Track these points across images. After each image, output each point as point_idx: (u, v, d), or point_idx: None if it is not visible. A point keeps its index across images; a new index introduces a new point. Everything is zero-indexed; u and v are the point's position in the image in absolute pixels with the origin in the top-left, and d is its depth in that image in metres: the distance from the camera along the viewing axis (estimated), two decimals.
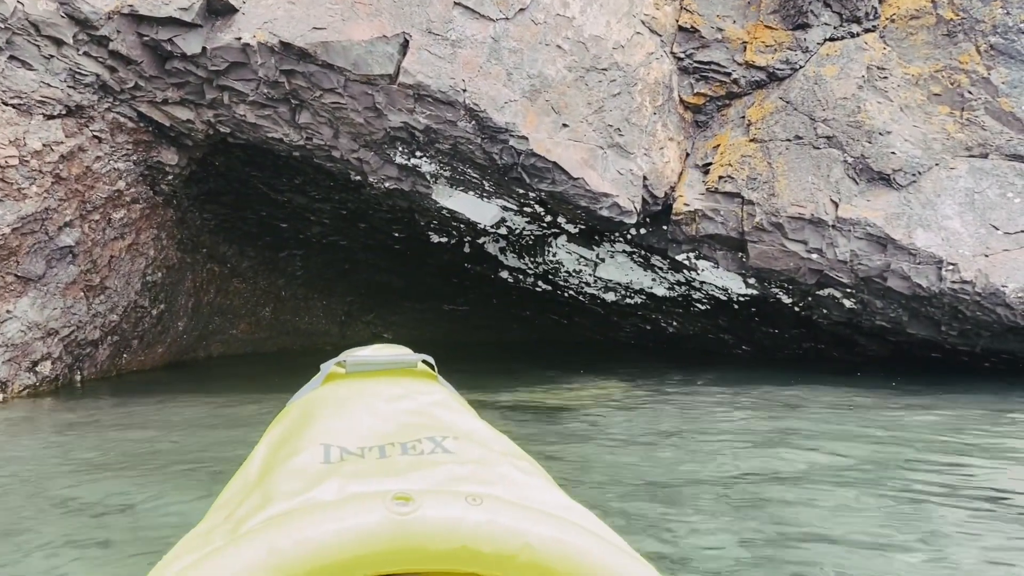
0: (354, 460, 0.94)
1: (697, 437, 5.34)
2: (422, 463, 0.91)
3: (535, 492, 0.88)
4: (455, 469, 0.90)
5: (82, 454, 5.09)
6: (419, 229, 9.95)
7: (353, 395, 1.31)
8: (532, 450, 1.53)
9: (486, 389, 8.27)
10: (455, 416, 1.23)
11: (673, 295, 9.55)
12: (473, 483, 0.87)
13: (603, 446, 5.08)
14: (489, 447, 1.05)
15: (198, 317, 11.33)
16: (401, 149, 7.58)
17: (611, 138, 7.53)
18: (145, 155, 8.03)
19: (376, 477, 0.87)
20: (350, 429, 1.08)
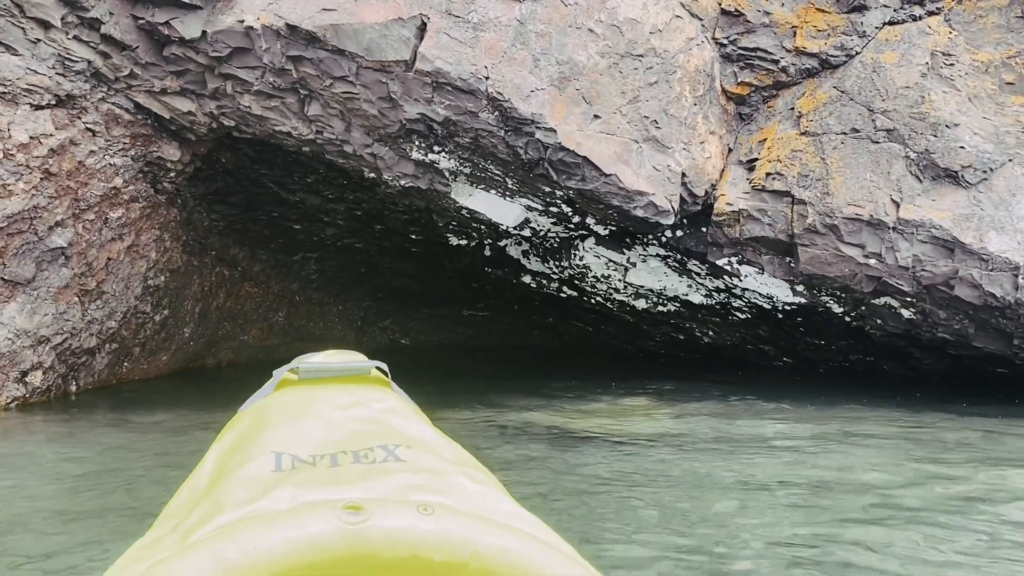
0: (305, 468, 0.92)
1: (752, 475, 4.67)
2: (374, 472, 0.91)
3: (487, 501, 0.88)
4: (407, 478, 0.90)
5: (38, 484, 4.50)
6: (437, 231, 9.34)
7: (305, 402, 1.27)
8: (548, 490, 1.55)
9: (501, 405, 7.63)
10: (408, 424, 1.20)
11: (710, 303, 8.87)
12: (424, 492, 0.86)
13: (642, 491, 4.42)
14: (442, 456, 1.03)
15: (206, 323, 10.78)
16: (418, 143, 6.97)
17: (647, 131, 6.88)
18: (144, 150, 7.48)
19: (327, 486, 0.86)
20: (302, 437, 1.06)
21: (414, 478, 0.91)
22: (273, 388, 1.50)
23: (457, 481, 0.94)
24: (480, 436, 5.81)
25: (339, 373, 1.52)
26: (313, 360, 1.67)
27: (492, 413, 6.91)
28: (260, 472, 0.94)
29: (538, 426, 6.23)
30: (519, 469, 4.81)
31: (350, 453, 0.99)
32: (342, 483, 0.88)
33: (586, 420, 6.65)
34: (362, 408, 1.27)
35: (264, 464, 0.97)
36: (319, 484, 0.88)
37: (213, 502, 0.90)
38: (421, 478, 0.91)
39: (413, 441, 1.08)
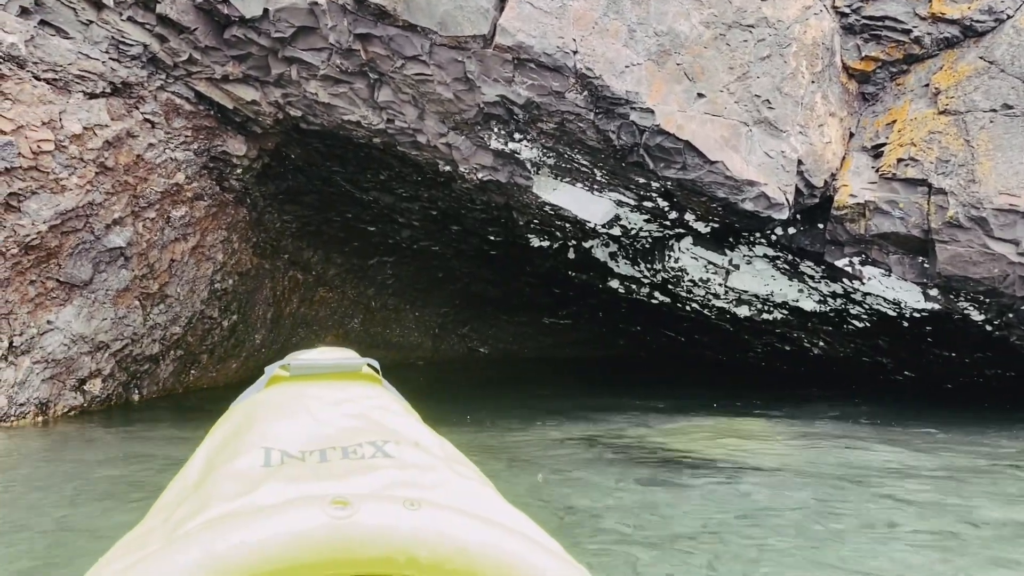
0: (294, 464, 0.93)
1: (915, 519, 3.79)
2: (362, 467, 0.91)
3: (474, 498, 0.89)
4: (395, 474, 0.90)
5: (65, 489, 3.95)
6: (517, 231, 8.64)
7: (296, 398, 1.27)
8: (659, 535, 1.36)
9: (593, 422, 6.85)
10: (398, 421, 1.20)
11: (824, 310, 7.91)
12: (412, 488, 0.86)
13: (777, 538, 3.59)
14: (430, 452, 1.03)
15: (279, 329, 10.36)
16: (497, 131, 6.29)
17: (758, 112, 6.03)
18: (207, 144, 7.01)
19: (315, 481, 0.86)
20: (291, 433, 1.07)
21: (402, 474, 0.91)
22: (264, 384, 1.48)
23: (445, 477, 0.93)
24: (573, 460, 5.06)
25: (330, 369, 1.49)
26: (305, 356, 1.66)
27: (584, 433, 6.15)
28: (249, 467, 0.94)
29: (638, 449, 5.44)
30: (621, 505, 4.04)
31: (339, 449, 0.99)
32: (330, 478, 0.88)
33: (691, 442, 5.83)
34: (352, 404, 1.24)
35: (253, 459, 0.97)
36: (307, 479, 0.87)
37: (202, 496, 0.90)
38: (409, 474, 0.90)
39: (402, 437, 1.06)
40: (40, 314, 6.20)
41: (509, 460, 5.01)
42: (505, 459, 5.06)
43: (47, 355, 6.29)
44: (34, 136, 5.59)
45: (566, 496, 4.13)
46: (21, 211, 5.76)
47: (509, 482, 4.40)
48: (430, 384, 11.07)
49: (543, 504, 3.97)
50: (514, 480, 4.50)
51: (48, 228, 5.95)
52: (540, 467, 4.76)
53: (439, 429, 4.44)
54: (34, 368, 6.18)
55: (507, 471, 4.71)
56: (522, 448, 5.43)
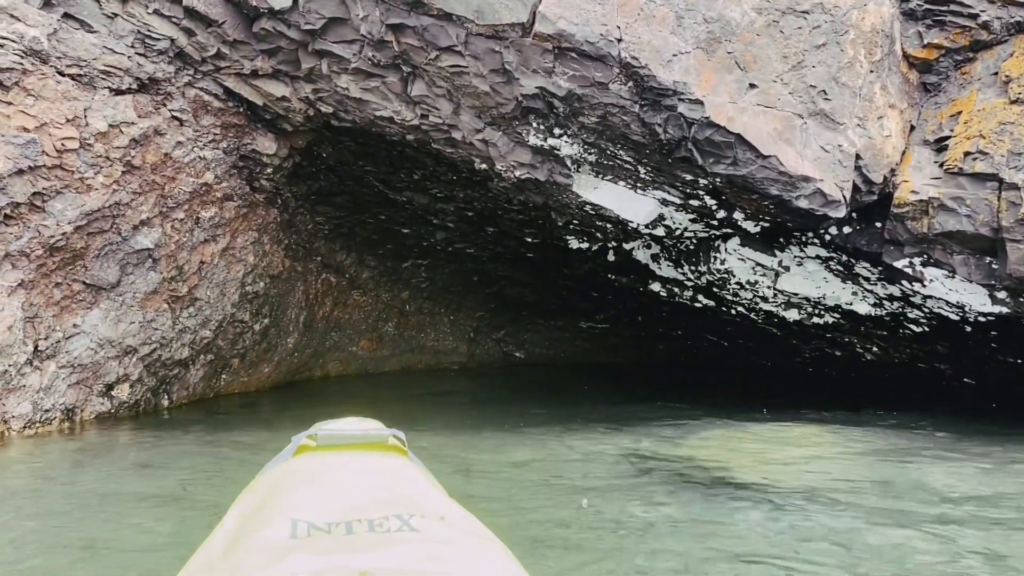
0: (320, 536, 0.94)
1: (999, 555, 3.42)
2: (388, 541, 0.92)
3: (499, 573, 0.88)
4: (420, 548, 0.90)
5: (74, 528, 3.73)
6: (555, 232, 8.34)
7: (323, 469, 1.28)
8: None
9: (633, 433, 6.52)
10: (423, 494, 1.20)
11: (879, 314, 7.50)
12: (438, 563, 0.86)
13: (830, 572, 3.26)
14: (456, 526, 1.03)
15: (312, 333, 10.16)
16: (536, 125, 6.00)
17: (813, 103, 5.67)
18: (237, 142, 6.82)
19: (342, 554, 0.87)
20: (318, 504, 1.07)
21: (428, 548, 0.90)
22: (292, 453, 1.46)
23: (470, 553, 0.92)
24: (615, 479, 4.74)
25: (357, 440, 1.48)
26: (331, 426, 1.64)
27: (625, 446, 5.83)
28: (276, 537, 0.95)
29: (684, 465, 5.11)
30: (661, 528, 3.73)
31: (365, 521, 0.99)
32: (356, 551, 0.88)
33: (739, 456, 5.49)
34: (378, 476, 1.24)
35: (280, 530, 0.97)
36: (334, 552, 0.88)
37: (230, 566, 0.90)
38: (434, 548, 0.90)
39: (428, 511, 1.05)
40: (66, 317, 6.03)
41: (547, 477, 4.71)
42: (543, 476, 4.76)
43: (73, 360, 6.12)
44: (58, 134, 5.41)
45: (609, 524, 3.82)
46: (45, 211, 5.60)
47: (550, 505, 4.11)
48: (466, 390, 10.81)
49: (589, 531, 3.67)
50: (556, 500, 4.20)
51: (73, 229, 5.78)
52: (580, 488, 4.45)
53: (476, 438, 4.17)
54: (60, 373, 6.01)
55: (546, 490, 4.41)
56: (561, 464, 5.13)
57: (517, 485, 4.47)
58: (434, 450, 5.66)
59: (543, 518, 3.77)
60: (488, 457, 5.26)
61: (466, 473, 4.85)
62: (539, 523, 3.69)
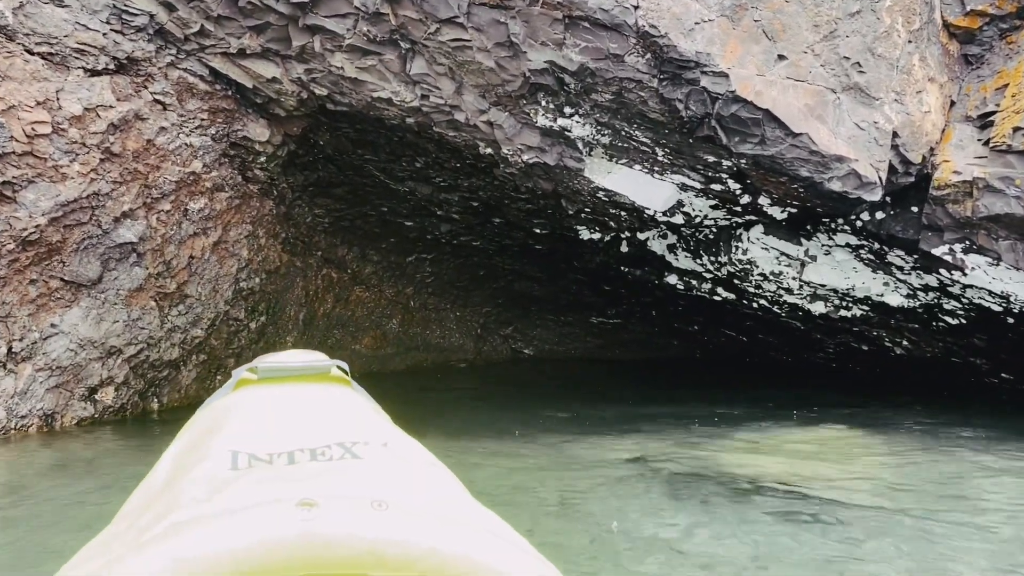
0: (262, 466, 0.92)
1: None
2: (331, 469, 0.90)
3: (444, 498, 0.88)
4: (363, 475, 0.88)
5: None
6: (566, 222, 7.90)
7: (264, 401, 1.26)
8: None
9: (651, 437, 6.08)
10: (367, 422, 1.17)
11: (912, 305, 7.03)
12: (381, 488, 0.84)
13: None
14: (400, 453, 1.01)
15: (312, 331, 9.75)
16: (544, 104, 5.56)
17: (847, 76, 5.21)
18: (226, 128, 6.39)
19: (283, 483, 0.85)
20: (259, 435, 1.05)
21: (370, 474, 0.88)
22: (232, 388, 1.43)
23: (415, 477, 0.91)
24: (638, 491, 4.30)
25: (299, 372, 1.45)
26: (273, 359, 1.60)
27: (645, 452, 5.38)
28: (216, 470, 0.92)
29: (714, 476, 4.66)
30: (689, 548, 3.29)
31: (307, 451, 0.96)
32: (298, 480, 0.86)
33: (772, 464, 5.04)
34: (321, 406, 1.22)
35: (220, 462, 0.95)
36: (275, 481, 0.85)
37: (168, 500, 0.88)
38: (378, 474, 0.89)
39: (372, 439, 1.03)
40: (43, 316, 5.62)
41: (565, 492, 4.27)
42: (560, 488, 4.32)
43: (51, 362, 5.71)
44: (28, 117, 4.99)
45: (637, 547, 3.38)
46: (17, 202, 5.18)
47: (575, 527, 3.67)
48: (474, 390, 10.38)
49: (624, 557, 3.23)
50: (579, 519, 3.76)
51: (48, 221, 5.37)
52: (601, 500, 4.01)
53: (485, 444, 3.64)
54: (37, 376, 5.60)
55: (562, 508, 3.97)
56: (578, 473, 4.69)
57: (533, 500, 4.04)
58: (443, 458, 5.24)
59: (567, 542, 3.34)
60: (499, 466, 4.82)
61: (473, 486, 4.42)
62: (563, 548, 3.25)
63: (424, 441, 4.22)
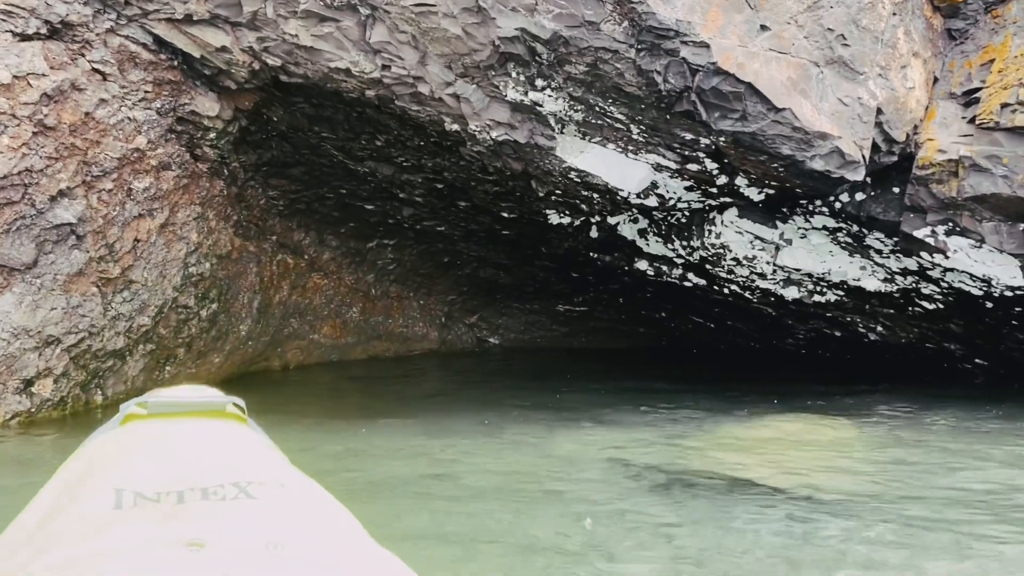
0: (148, 505, 0.89)
1: None
2: (223, 509, 0.88)
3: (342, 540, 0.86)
4: (258, 515, 0.87)
5: None
6: (535, 206, 7.60)
7: (153, 437, 1.20)
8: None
9: (624, 429, 5.83)
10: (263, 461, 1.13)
11: (889, 290, 6.86)
12: (276, 530, 0.82)
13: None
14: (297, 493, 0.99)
15: (268, 319, 9.33)
16: (515, 76, 5.24)
17: (831, 49, 4.98)
18: (173, 102, 5.97)
19: (170, 523, 0.83)
20: (147, 473, 1.00)
21: (266, 516, 0.86)
22: (119, 422, 1.34)
23: (311, 519, 0.89)
24: (615, 489, 4.03)
25: (191, 408, 1.37)
26: (164, 393, 1.50)
27: (622, 447, 5.12)
28: (98, 509, 0.89)
29: (684, 468, 4.41)
30: (685, 554, 3.04)
31: (198, 490, 0.93)
32: (187, 521, 0.84)
33: (751, 456, 4.81)
34: (215, 444, 1.17)
35: (103, 501, 0.91)
36: (162, 522, 0.83)
37: (44, 539, 0.84)
38: (273, 515, 0.87)
39: (267, 478, 0.99)
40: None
41: (537, 488, 3.99)
42: (532, 485, 4.04)
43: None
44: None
45: (616, 547, 3.11)
46: None
47: (545, 525, 3.38)
48: (439, 380, 10.07)
49: (594, 553, 2.96)
50: (550, 517, 3.47)
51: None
52: (575, 499, 3.73)
53: (452, 437, 3.23)
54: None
55: (538, 504, 3.69)
56: (552, 470, 4.41)
57: (503, 498, 3.74)
58: (407, 451, 4.93)
59: (537, 542, 3.05)
60: (468, 463, 4.52)
61: (439, 481, 4.12)
62: (533, 550, 2.97)
63: (391, 438, 3.90)
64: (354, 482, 4.28)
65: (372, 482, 4.33)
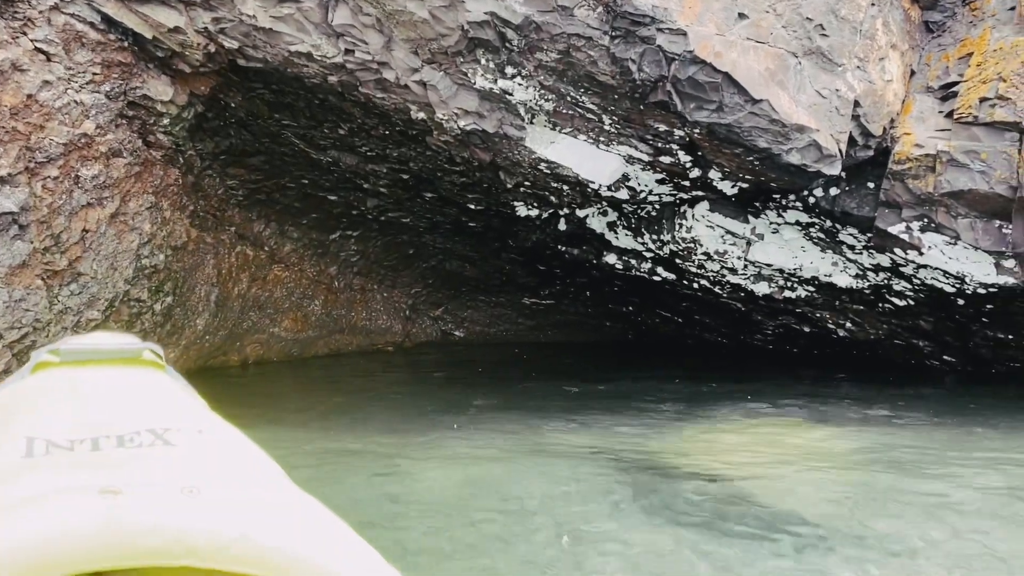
0: (61, 453, 0.80)
1: None
2: (139, 456, 0.80)
3: (262, 484, 0.80)
4: (175, 461, 0.79)
5: None
6: (503, 198, 7.40)
7: (66, 384, 1.02)
8: None
9: (599, 428, 5.67)
10: (182, 408, 1.00)
11: (860, 286, 6.79)
12: (193, 475, 0.75)
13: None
14: (216, 439, 0.90)
15: (226, 312, 9.03)
16: (484, 63, 5.04)
17: (809, 39, 4.85)
18: (123, 85, 5.67)
19: (85, 471, 0.75)
20: (60, 421, 0.88)
21: (183, 462, 0.79)
22: (30, 371, 1.08)
23: (231, 463, 0.83)
24: (589, 500, 3.86)
25: (106, 355, 1.12)
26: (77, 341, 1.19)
27: (595, 448, 4.95)
28: (7, 459, 0.79)
29: (661, 468, 4.26)
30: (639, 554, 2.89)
31: (114, 437, 0.84)
32: (102, 468, 0.76)
33: (725, 456, 4.68)
34: (131, 391, 1.02)
35: (12, 450, 0.81)
36: (75, 469, 0.75)
37: None
38: (191, 462, 0.79)
39: (185, 425, 0.90)
40: None
41: (507, 498, 3.80)
42: (501, 496, 3.86)
43: None
44: None
45: (590, 555, 2.95)
46: None
47: (520, 541, 3.20)
48: (404, 376, 9.85)
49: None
50: (523, 532, 3.29)
51: None
52: (549, 512, 3.56)
53: (417, 439, 2.95)
54: None
55: (510, 517, 3.50)
56: (520, 480, 4.22)
57: (469, 511, 3.55)
58: (371, 456, 4.71)
59: (510, 567, 2.87)
60: (435, 473, 4.32)
61: (407, 489, 3.92)
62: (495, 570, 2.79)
63: (355, 433, 3.66)
64: (309, 488, 4.07)
65: (333, 489, 4.12)
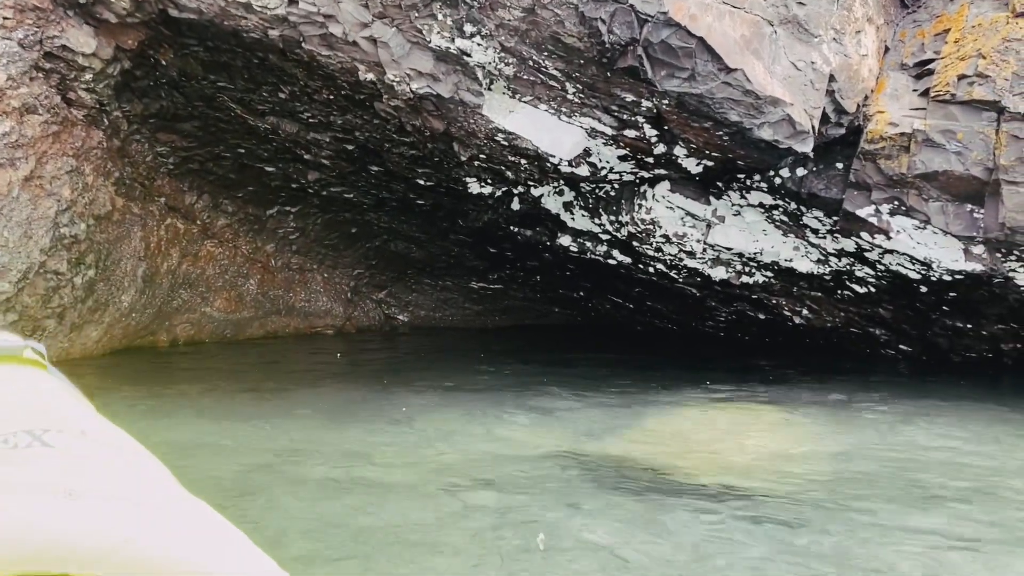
0: None
1: None
2: (15, 458, 0.83)
3: (148, 487, 0.83)
4: (54, 464, 0.81)
5: None
6: (455, 173, 7.02)
7: None
8: None
9: (553, 416, 5.38)
10: (62, 408, 1.02)
11: (821, 272, 6.61)
12: (73, 478, 0.77)
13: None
14: (99, 440, 0.93)
15: (154, 289, 8.47)
16: (441, 19, 4.65)
17: (786, 7, 4.59)
18: (39, 33, 5.13)
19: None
20: None
21: (62, 464, 0.81)
22: None
23: (113, 466, 0.85)
24: (561, 495, 3.55)
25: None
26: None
27: (555, 440, 4.64)
28: None
29: (616, 464, 3.98)
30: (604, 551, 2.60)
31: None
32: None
33: (679, 446, 4.41)
34: (9, 391, 1.04)
35: None
36: None
37: None
38: (71, 463, 0.82)
39: (66, 426, 0.92)
40: None
41: (466, 492, 3.46)
42: (459, 485, 3.51)
43: None
44: None
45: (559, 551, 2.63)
46: None
47: (489, 545, 2.87)
48: (345, 362, 9.42)
49: None
50: (490, 531, 2.96)
51: None
52: (518, 510, 3.23)
53: (362, 431, 2.52)
54: None
55: (472, 513, 3.16)
56: (483, 468, 3.89)
57: (428, 505, 3.21)
58: (314, 447, 4.32)
59: (455, 549, 2.54)
60: (386, 461, 3.96)
61: (351, 479, 3.55)
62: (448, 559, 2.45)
63: (293, 424, 3.24)
64: (249, 480, 3.67)
65: (264, 480, 3.73)
